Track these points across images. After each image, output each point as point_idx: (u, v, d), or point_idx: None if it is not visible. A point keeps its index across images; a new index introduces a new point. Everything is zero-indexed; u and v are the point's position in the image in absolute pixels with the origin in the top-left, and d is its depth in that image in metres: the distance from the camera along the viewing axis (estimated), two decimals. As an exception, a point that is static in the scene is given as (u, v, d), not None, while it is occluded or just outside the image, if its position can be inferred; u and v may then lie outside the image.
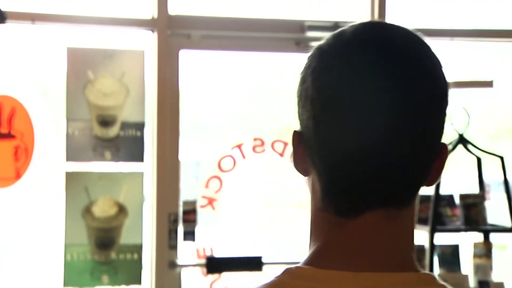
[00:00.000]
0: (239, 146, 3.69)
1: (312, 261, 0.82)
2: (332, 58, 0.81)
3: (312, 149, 0.82)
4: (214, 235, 3.73)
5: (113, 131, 3.40)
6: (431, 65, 0.81)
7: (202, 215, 3.62)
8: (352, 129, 0.79)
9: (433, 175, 0.82)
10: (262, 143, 3.71)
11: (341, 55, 0.81)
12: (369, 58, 0.79)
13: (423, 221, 3.54)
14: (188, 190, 3.65)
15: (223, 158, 3.67)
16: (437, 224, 3.44)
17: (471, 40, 3.77)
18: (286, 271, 0.82)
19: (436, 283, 0.80)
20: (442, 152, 0.83)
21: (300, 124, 0.84)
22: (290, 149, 1.04)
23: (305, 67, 0.84)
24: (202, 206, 3.65)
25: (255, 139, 3.70)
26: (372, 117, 0.78)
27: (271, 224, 3.78)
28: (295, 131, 0.85)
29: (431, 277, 0.81)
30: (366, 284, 0.78)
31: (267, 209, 3.82)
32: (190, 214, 3.55)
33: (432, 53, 0.82)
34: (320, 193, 0.83)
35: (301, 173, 0.86)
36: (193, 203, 3.58)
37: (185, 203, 3.56)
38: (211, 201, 3.66)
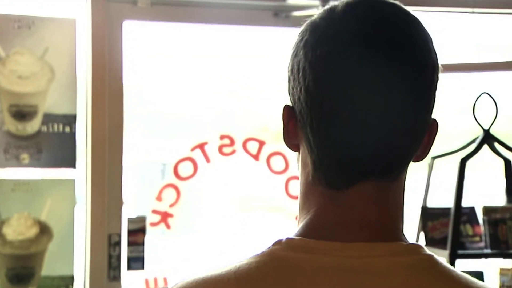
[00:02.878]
0: (201, 147, 2.86)
1: (303, 232, 0.83)
2: (325, 31, 0.82)
3: (304, 121, 0.82)
4: (168, 261, 2.88)
5: (33, 126, 2.56)
6: (422, 39, 0.83)
7: (153, 235, 2.79)
8: (345, 101, 0.79)
9: (422, 150, 0.84)
10: (232, 143, 2.89)
11: (334, 28, 0.81)
12: (362, 32, 0.80)
13: (438, 243, 2.76)
14: (146, 204, 2.82)
15: (180, 162, 2.84)
16: (458, 246, 2.65)
17: (496, 12, 2.99)
18: (277, 243, 0.82)
19: (423, 253, 0.82)
20: (431, 128, 0.84)
21: (291, 97, 0.84)
22: (267, 149, 1.14)
23: (296, 42, 0.84)
24: (153, 224, 2.81)
25: (222, 137, 2.88)
26: (365, 89, 0.79)
27: (243, 242, 2.96)
28: (286, 105, 0.85)
29: (418, 247, 0.83)
30: (357, 254, 0.80)
31: (238, 223, 3.00)
32: (138, 234, 2.72)
33: (422, 27, 0.84)
34: (311, 166, 0.83)
35: (291, 148, 0.86)
36: (141, 220, 2.74)
37: (130, 221, 2.73)
38: (164, 218, 2.83)
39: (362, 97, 0.79)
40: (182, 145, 2.87)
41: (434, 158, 2.87)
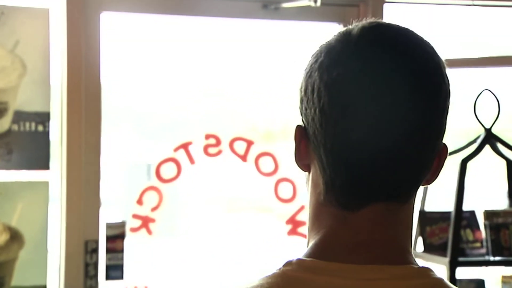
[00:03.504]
0: (185, 147, 2.69)
1: (313, 253, 0.83)
2: (341, 54, 0.82)
3: (318, 142, 0.83)
4: (150, 269, 2.71)
5: (3, 124, 2.38)
6: (436, 65, 0.83)
7: (133, 242, 2.61)
8: (360, 124, 0.80)
9: (431, 174, 0.85)
10: (218, 142, 2.71)
11: (351, 51, 0.82)
12: (377, 57, 0.81)
13: (436, 249, 2.59)
14: (128, 208, 2.65)
15: (162, 163, 2.66)
16: (458, 253, 2.49)
17: (497, 5, 2.84)
18: (288, 264, 0.82)
19: (434, 276, 0.82)
20: (441, 152, 0.85)
21: (304, 118, 0.84)
22: (255, 150, 1.11)
23: (310, 63, 0.84)
24: (133, 230, 2.63)
25: (207, 137, 2.71)
26: (380, 113, 0.80)
27: (230, 246, 2.79)
28: (298, 125, 0.85)
29: (428, 270, 0.83)
30: (367, 277, 0.80)
31: (224, 226, 2.83)
32: (117, 241, 2.54)
33: (436, 53, 0.84)
34: (323, 187, 0.83)
35: (302, 168, 0.87)
36: (121, 225, 2.56)
37: (109, 226, 2.54)
38: (146, 223, 2.65)
39: (375, 120, 0.80)
40: (165, 146, 2.69)
41: (432, 159, 2.71)
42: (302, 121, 0.85)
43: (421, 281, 0.81)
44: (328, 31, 1.16)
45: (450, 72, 0.84)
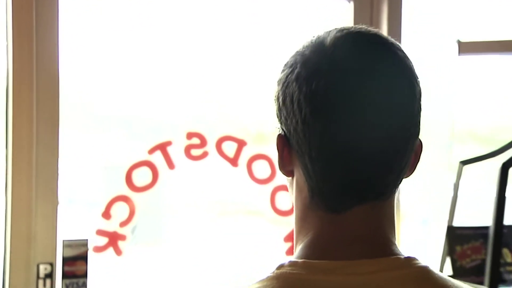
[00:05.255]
0: (162, 148, 2.21)
1: (305, 254, 0.85)
2: (317, 65, 0.83)
3: (302, 151, 0.84)
4: (119, 297, 2.24)
5: None
6: (409, 67, 0.86)
7: (98, 263, 2.14)
8: (345, 134, 0.82)
9: (409, 170, 0.88)
10: (203, 143, 2.24)
11: (327, 62, 0.83)
12: (355, 65, 0.83)
13: (469, 273, 2.12)
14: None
15: (134, 168, 2.19)
16: (498, 279, 2.01)
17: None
18: (280, 266, 0.84)
19: (419, 265, 0.85)
20: (417, 147, 0.88)
21: (284, 127, 0.86)
22: (247, 152, 1.12)
23: (286, 73, 0.86)
24: (97, 249, 2.15)
25: (189, 135, 2.23)
26: (364, 121, 0.82)
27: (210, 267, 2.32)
28: (279, 134, 0.88)
29: (414, 259, 0.86)
30: (359, 271, 0.83)
31: (208, 246, 2.35)
32: (77, 263, 2.07)
33: (406, 55, 0.87)
34: (309, 192, 0.86)
35: (285, 174, 0.89)
36: (82, 244, 2.09)
37: (67, 245, 2.07)
38: (113, 240, 2.17)
39: (360, 129, 0.82)
40: (137, 146, 2.22)
41: (463, 163, 2.23)
42: (282, 129, 0.87)
43: (409, 270, 0.84)
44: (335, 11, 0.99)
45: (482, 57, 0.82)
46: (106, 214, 2.16)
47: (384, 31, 2.32)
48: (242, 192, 2.31)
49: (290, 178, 0.88)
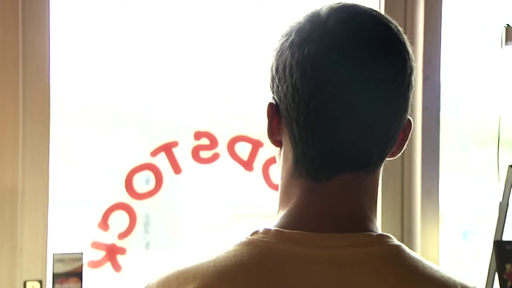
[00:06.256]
0: (166, 149, 1.95)
1: (280, 223, 0.86)
2: (311, 32, 0.85)
3: (290, 117, 0.85)
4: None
5: None
6: (401, 43, 0.87)
7: (93, 281, 1.89)
8: (332, 99, 0.83)
9: (396, 147, 0.89)
10: (213, 144, 1.98)
11: (320, 28, 0.85)
12: (346, 35, 0.84)
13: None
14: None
15: (135, 172, 1.93)
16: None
17: None
18: (254, 233, 0.85)
19: (391, 243, 0.85)
20: (406, 126, 0.89)
21: (276, 95, 0.88)
22: (264, 154, 1.11)
23: (281, 42, 0.87)
24: (93, 265, 1.90)
25: (198, 135, 1.97)
26: (350, 88, 0.83)
27: None
28: (270, 102, 0.89)
29: (387, 237, 0.85)
30: (327, 244, 0.83)
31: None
32: (70, 280, 1.83)
33: (401, 31, 0.88)
34: (293, 160, 0.87)
35: (274, 144, 0.90)
36: (76, 259, 1.84)
37: (59, 259, 1.82)
38: (112, 254, 1.92)
39: (347, 94, 0.82)
40: (139, 148, 1.96)
41: (513, 167, 1.93)
42: (274, 98, 0.88)
43: (379, 247, 0.84)
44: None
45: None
46: (103, 224, 1.91)
47: (420, 17, 2.03)
48: (257, 200, 2.04)
49: (278, 149, 0.90)
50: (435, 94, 2.02)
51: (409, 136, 0.89)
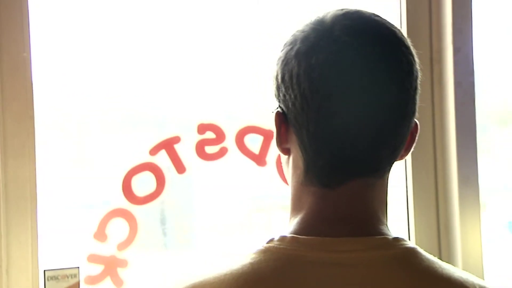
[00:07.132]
0: (167, 146, 1.74)
1: (295, 230, 0.87)
2: (317, 41, 0.85)
3: (300, 126, 0.86)
4: None
5: None
6: (407, 48, 0.88)
7: (93, 298, 1.69)
8: (342, 108, 0.83)
9: (405, 149, 0.90)
10: (219, 137, 1.76)
11: (326, 37, 0.85)
12: (353, 41, 0.84)
13: None
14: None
15: (133, 173, 1.71)
16: None
17: None
18: (270, 240, 0.87)
19: (406, 245, 0.86)
20: (414, 128, 0.90)
21: (282, 104, 0.88)
22: (276, 147, 0.92)
23: (285, 51, 0.88)
24: (90, 281, 1.69)
25: (202, 129, 1.75)
26: (359, 95, 0.83)
27: None
28: (277, 111, 0.89)
29: (402, 240, 0.86)
30: (342, 248, 0.84)
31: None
32: (65, 299, 1.62)
33: (404, 36, 0.89)
34: (303, 167, 0.87)
35: (282, 152, 0.91)
36: (71, 275, 1.63)
37: (51, 276, 1.62)
38: (111, 267, 1.70)
39: (356, 102, 0.83)
40: (136, 145, 1.75)
41: None
42: (280, 107, 0.88)
43: (394, 250, 0.84)
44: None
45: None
46: (100, 235, 1.69)
47: (448, 10, 1.80)
48: (274, 193, 1.81)
49: (287, 156, 0.90)
50: (469, 68, 1.78)
51: (416, 138, 0.90)
